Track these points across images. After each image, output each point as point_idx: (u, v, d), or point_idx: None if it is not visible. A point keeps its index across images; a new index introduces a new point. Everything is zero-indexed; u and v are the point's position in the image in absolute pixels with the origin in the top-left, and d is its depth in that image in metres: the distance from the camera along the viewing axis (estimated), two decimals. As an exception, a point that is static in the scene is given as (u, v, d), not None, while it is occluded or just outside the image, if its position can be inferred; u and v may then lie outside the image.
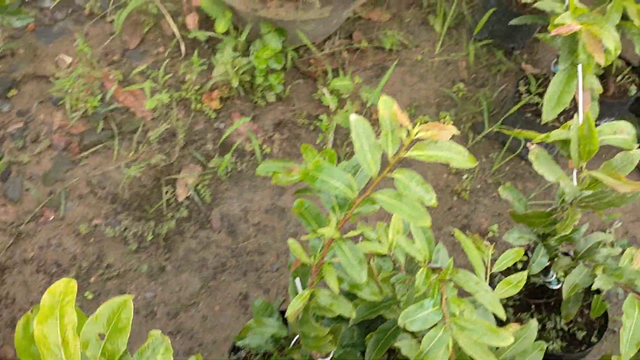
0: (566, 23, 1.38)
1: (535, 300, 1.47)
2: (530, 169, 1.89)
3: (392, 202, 0.77)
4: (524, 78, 1.87)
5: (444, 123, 0.76)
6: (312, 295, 0.92)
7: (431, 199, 0.74)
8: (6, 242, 1.64)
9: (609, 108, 1.84)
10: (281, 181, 1.27)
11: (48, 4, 2.11)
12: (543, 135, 1.21)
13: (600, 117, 1.87)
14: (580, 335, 1.44)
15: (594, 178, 1.20)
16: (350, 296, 0.97)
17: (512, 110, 1.81)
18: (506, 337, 0.83)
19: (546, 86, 1.84)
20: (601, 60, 1.36)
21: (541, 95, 1.82)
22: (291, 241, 0.89)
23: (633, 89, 1.84)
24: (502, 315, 0.89)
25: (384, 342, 1.06)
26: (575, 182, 1.25)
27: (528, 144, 1.24)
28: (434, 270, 0.97)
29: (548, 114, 1.54)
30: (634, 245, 1.79)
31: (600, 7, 1.61)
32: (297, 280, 0.99)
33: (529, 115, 1.80)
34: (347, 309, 0.93)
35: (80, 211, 1.72)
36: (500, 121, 1.89)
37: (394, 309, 1.08)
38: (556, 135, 1.20)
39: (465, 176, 1.88)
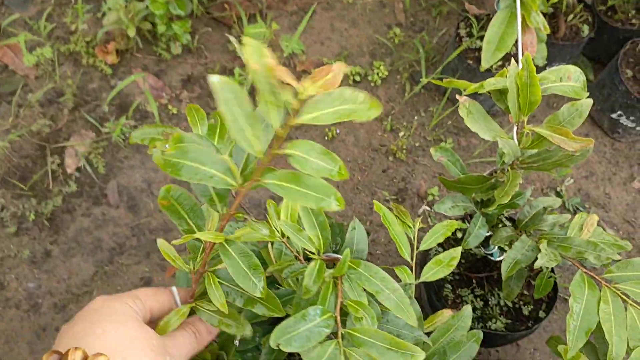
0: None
1: (476, 275, 1.29)
2: (474, 123, 1.68)
3: (289, 186, 0.52)
4: (466, 19, 1.65)
5: (377, 73, 0.53)
6: (191, 312, 0.68)
7: (336, 170, 0.49)
8: None
9: (559, 51, 1.63)
10: (158, 158, 1.02)
11: None
12: (476, 85, 1.00)
13: (551, 62, 1.66)
14: (527, 310, 1.26)
15: (537, 135, 1.00)
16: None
17: (451, 57, 1.59)
18: (416, 353, 0.63)
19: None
20: (546, -10, 1.14)
21: (483, 39, 1.60)
22: (160, 241, 0.65)
23: (586, 29, 1.63)
24: (413, 322, 0.69)
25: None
26: (515, 140, 1.04)
27: (458, 96, 1.03)
28: (331, 262, 0.76)
29: (488, 60, 1.31)
30: (588, 204, 1.62)
31: None
32: (174, 290, 0.74)
33: (470, 62, 1.59)
34: (240, 330, 0.69)
35: (-52, 190, 1.45)
36: (439, 70, 1.67)
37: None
38: (491, 84, 0.98)
39: (402, 133, 1.66)
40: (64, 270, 1.39)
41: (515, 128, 1.05)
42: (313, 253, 0.76)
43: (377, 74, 1.72)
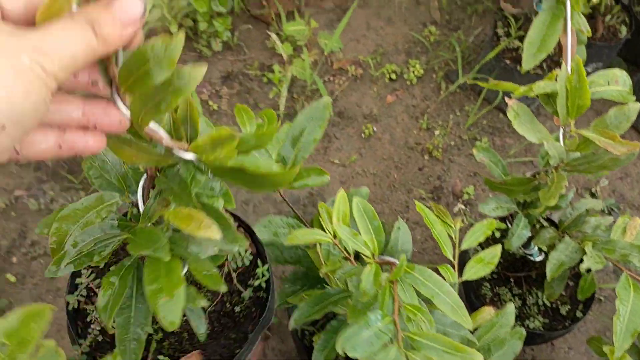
0: (554, -44, 1.16)
1: (514, 274, 1.31)
2: (510, 122, 1.70)
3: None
4: (503, 19, 1.66)
5: (413, 72, 0.55)
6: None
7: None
8: None
9: (597, 52, 1.64)
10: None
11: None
12: (525, 88, 1.01)
13: (587, 63, 1.67)
14: (564, 309, 1.28)
15: (584, 138, 1.01)
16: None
17: (489, 57, 1.60)
18: (474, 357, 0.65)
19: (527, 29, 1.62)
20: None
21: (521, 39, 1.61)
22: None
23: (624, 30, 1.64)
24: (468, 324, 0.72)
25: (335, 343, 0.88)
26: (561, 143, 1.06)
27: (507, 99, 1.05)
28: (385, 264, 0.78)
29: (529, 61, 1.32)
30: (623, 205, 1.62)
31: None
32: None
33: (507, 61, 1.60)
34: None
35: (1, 182, 1.50)
36: (475, 69, 1.68)
37: (346, 304, 0.90)
38: (540, 87, 1.00)
39: (437, 132, 1.68)
40: (110, 261, 1.43)
41: (561, 131, 1.06)
42: (366, 255, 0.79)
43: (413, 72, 1.74)
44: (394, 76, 1.74)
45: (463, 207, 1.58)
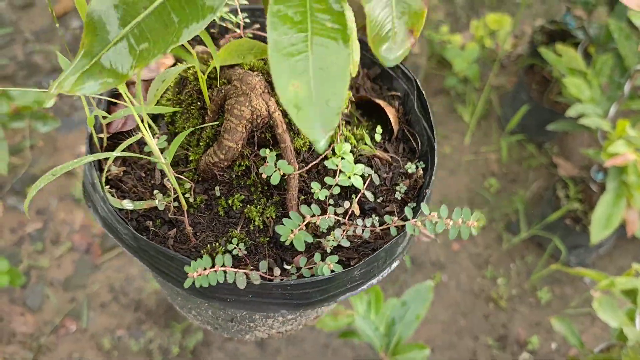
0: (620, 152, 1.34)
1: None
2: (568, 274, 1.83)
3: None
4: (561, 181, 1.83)
5: (478, 224, 0.66)
6: None
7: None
8: (26, 358, 1.56)
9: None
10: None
11: (69, 91, 2.06)
12: (607, 282, 1.16)
13: None
14: None
15: (658, 327, 1.15)
16: None
17: (551, 218, 1.76)
18: None
19: (585, 192, 1.79)
20: (660, 193, 1.31)
21: (581, 200, 1.77)
22: None
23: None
24: None
25: None
26: (638, 327, 1.19)
27: (592, 291, 1.19)
28: None
29: (597, 236, 1.48)
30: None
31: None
32: None
33: (568, 222, 1.75)
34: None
35: (102, 321, 1.64)
36: (537, 226, 1.84)
37: None
38: (622, 284, 1.14)
39: (499, 280, 1.81)
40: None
41: (637, 318, 1.20)
42: None
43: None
44: (457, 225, 1.89)
45: (527, 356, 1.69)
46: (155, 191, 0.66)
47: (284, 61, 0.39)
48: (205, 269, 0.56)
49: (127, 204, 0.64)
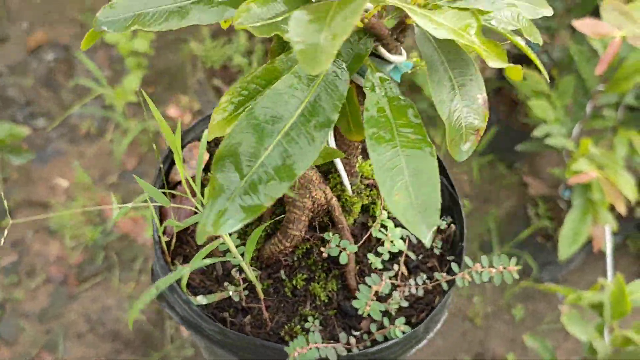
0: (584, 170, 1.38)
1: None
2: (541, 291, 1.87)
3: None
4: (531, 199, 1.88)
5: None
6: None
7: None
8: (0, 393, 1.54)
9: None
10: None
11: (43, 124, 2.06)
12: (574, 296, 1.19)
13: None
14: None
15: (625, 337, 1.18)
16: None
17: (522, 235, 1.80)
18: None
19: (554, 210, 1.84)
20: (622, 208, 1.36)
21: (551, 218, 1.82)
22: None
23: (638, 211, 1.85)
24: None
25: None
26: (607, 341, 1.22)
27: (560, 306, 1.22)
28: None
29: (565, 252, 1.52)
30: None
31: (605, 139, 1.63)
32: None
33: (539, 239, 1.79)
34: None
35: (79, 352, 1.63)
36: (509, 244, 1.88)
37: None
38: (588, 298, 1.18)
39: (475, 299, 1.84)
40: None
41: (606, 331, 1.23)
42: None
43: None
44: (432, 245, 1.93)
45: (505, 374, 1.71)
46: (226, 283, 0.71)
47: (385, 175, 0.47)
48: (302, 347, 0.63)
49: (201, 299, 0.69)
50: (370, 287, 0.68)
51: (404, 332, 0.67)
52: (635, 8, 1.25)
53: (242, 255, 0.69)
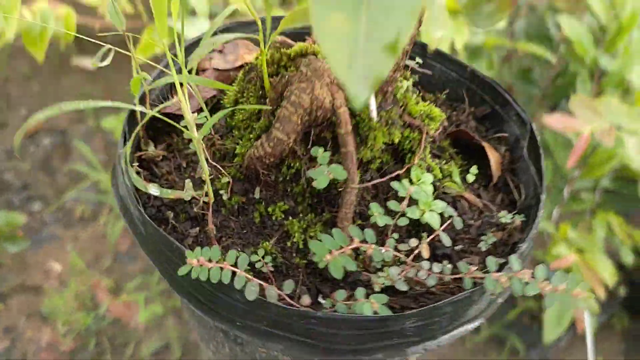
0: (562, 255, 1.44)
1: None
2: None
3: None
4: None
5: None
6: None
7: None
8: None
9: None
10: None
11: (38, 207, 2.11)
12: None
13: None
14: None
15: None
16: None
17: (510, 316, 1.84)
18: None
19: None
20: (601, 293, 1.41)
21: (537, 299, 1.86)
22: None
23: (622, 290, 1.90)
24: None
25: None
26: None
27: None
28: None
29: (550, 335, 1.56)
30: None
31: (584, 221, 1.69)
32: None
33: (526, 319, 1.83)
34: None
35: None
36: (497, 323, 1.91)
37: None
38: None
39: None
40: None
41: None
42: None
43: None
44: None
45: None
46: (187, 180, 0.56)
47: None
48: (210, 260, 0.45)
49: (153, 189, 0.54)
50: (344, 240, 0.47)
51: (376, 313, 0.47)
52: (602, 104, 1.34)
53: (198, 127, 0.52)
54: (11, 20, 0.88)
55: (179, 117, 0.59)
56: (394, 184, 0.55)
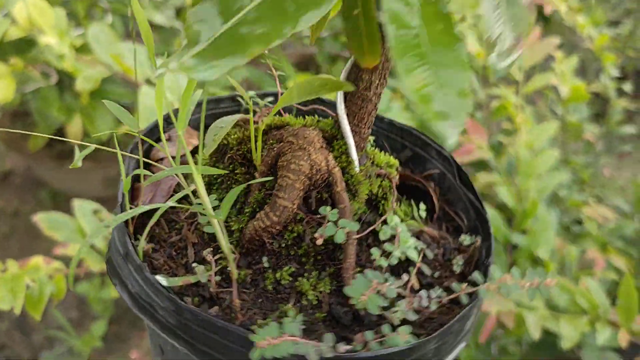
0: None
1: None
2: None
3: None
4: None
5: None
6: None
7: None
8: None
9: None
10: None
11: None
12: None
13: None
14: None
15: None
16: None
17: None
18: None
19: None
20: None
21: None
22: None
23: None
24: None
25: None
26: None
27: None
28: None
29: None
30: None
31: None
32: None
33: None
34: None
35: None
36: None
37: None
38: None
39: None
40: None
41: None
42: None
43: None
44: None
45: None
46: (194, 264, 0.59)
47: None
48: (274, 337, 0.48)
49: (161, 279, 0.56)
50: (370, 281, 0.54)
51: (408, 342, 0.53)
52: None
53: (216, 208, 0.56)
54: (19, 295, 0.99)
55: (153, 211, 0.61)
56: (384, 229, 0.63)
